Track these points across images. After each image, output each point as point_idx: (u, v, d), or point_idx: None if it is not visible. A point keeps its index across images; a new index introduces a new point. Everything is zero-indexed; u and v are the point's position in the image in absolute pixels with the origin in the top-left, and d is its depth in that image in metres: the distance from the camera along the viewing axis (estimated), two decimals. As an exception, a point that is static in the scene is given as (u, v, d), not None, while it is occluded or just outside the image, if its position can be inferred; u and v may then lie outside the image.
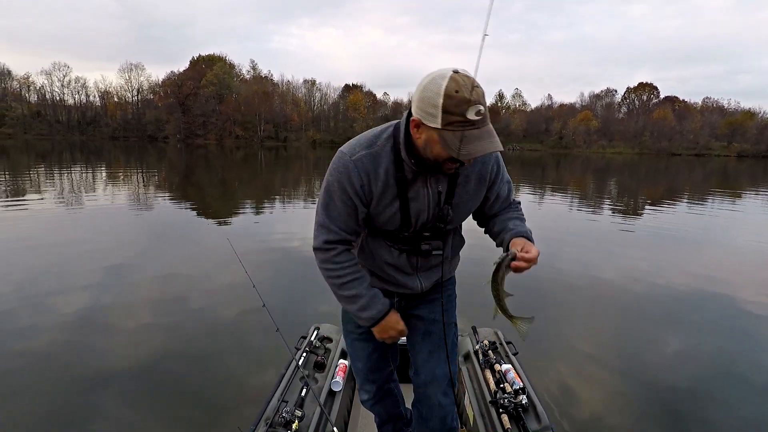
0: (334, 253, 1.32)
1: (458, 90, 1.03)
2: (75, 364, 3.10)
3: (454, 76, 1.05)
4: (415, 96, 1.11)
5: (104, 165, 23.03)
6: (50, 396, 2.73)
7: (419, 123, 1.12)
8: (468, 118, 1.04)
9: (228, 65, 76.00)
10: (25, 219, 8.01)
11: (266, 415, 1.78)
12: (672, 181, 23.03)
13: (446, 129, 1.06)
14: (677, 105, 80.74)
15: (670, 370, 3.26)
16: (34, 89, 71.94)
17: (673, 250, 7.13)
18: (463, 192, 1.34)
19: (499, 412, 1.83)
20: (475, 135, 1.06)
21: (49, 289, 4.49)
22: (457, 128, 1.05)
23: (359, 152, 1.25)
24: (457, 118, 1.04)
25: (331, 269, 1.34)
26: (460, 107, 1.03)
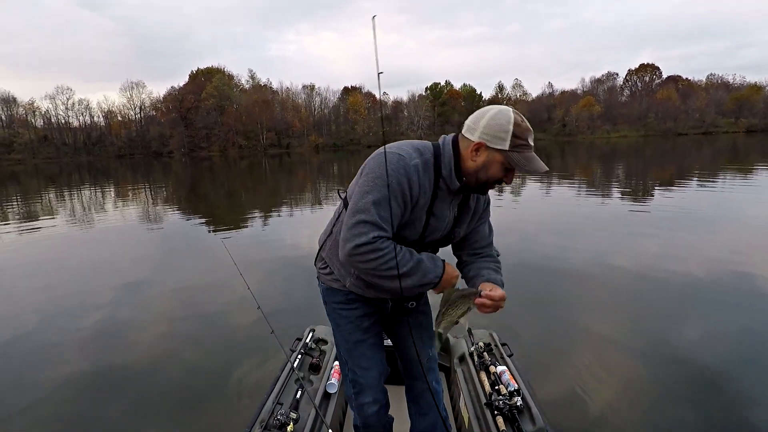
0: (380, 242, 1.32)
1: (522, 120, 1.30)
2: (82, 370, 3.15)
3: (514, 110, 1.31)
4: (481, 124, 1.31)
5: (112, 184, 23.31)
6: (65, 399, 2.78)
7: (481, 146, 1.32)
8: (529, 142, 1.31)
9: (227, 76, 76.55)
10: (39, 241, 8.13)
11: (261, 418, 1.78)
12: (680, 161, 22.73)
13: (513, 151, 1.29)
14: (681, 84, 79.67)
15: (687, 362, 3.15)
16: (40, 114, 73.20)
17: (687, 230, 7.02)
18: (464, 219, 1.54)
19: (494, 414, 1.83)
20: (533, 156, 1.32)
21: (65, 308, 4.55)
22: (522, 150, 1.30)
23: (416, 159, 1.36)
24: (521, 141, 1.30)
25: (381, 256, 1.32)
26: (524, 133, 1.30)
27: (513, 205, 10.32)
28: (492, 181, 1.36)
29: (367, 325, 1.65)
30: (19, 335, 3.94)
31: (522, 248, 6.13)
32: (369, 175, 1.34)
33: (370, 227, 1.31)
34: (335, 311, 1.67)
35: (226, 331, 3.72)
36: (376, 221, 1.31)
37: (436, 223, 1.45)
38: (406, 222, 1.40)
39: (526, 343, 3.40)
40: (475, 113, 1.36)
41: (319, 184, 18.64)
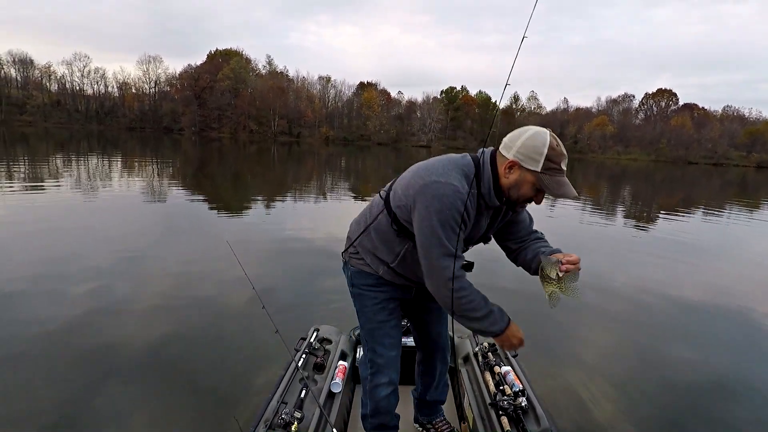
0: (465, 278, 1.46)
1: (558, 145, 1.34)
2: (80, 361, 3.15)
3: (551, 133, 1.35)
4: (517, 143, 1.36)
5: (120, 155, 23.38)
6: (61, 379, 2.79)
7: (515, 164, 1.37)
8: (562, 167, 1.36)
9: (245, 60, 76.56)
10: (43, 203, 8.16)
11: (266, 417, 1.78)
12: (688, 189, 22.64)
13: (544, 173, 1.34)
14: (696, 112, 79.27)
15: (678, 380, 3.20)
16: (55, 78, 73.33)
17: (688, 259, 6.99)
18: (496, 225, 1.61)
19: (499, 415, 1.83)
20: (564, 181, 1.36)
21: (61, 273, 4.58)
22: (554, 174, 1.35)
23: (466, 189, 1.40)
24: (554, 165, 1.34)
25: (468, 295, 1.45)
26: (558, 158, 1.34)
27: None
28: (522, 199, 1.42)
29: (392, 307, 1.77)
30: (11, 298, 3.95)
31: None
32: (433, 208, 1.38)
33: (451, 260, 1.41)
34: (363, 293, 1.76)
35: (230, 330, 3.67)
36: (451, 252, 1.41)
37: (473, 233, 1.54)
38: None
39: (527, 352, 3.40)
40: (515, 131, 1.40)
41: (325, 177, 18.65)
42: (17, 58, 70.48)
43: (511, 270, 1.64)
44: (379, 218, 1.60)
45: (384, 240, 1.62)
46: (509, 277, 4.90)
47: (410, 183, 1.46)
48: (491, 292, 1.55)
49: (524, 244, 1.64)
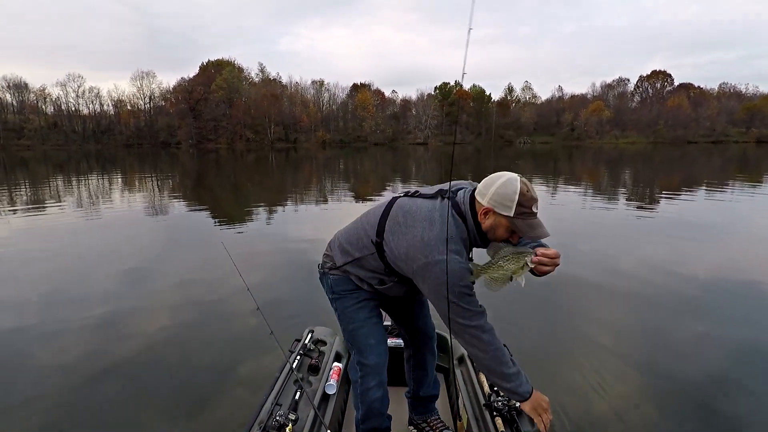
0: (494, 332, 1.54)
1: (528, 190, 1.42)
2: (85, 365, 3.16)
3: (521, 179, 1.44)
4: (490, 191, 1.44)
5: (119, 172, 23.44)
6: (69, 393, 2.80)
7: (489, 211, 1.46)
8: (533, 210, 1.43)
9: (237, 69, 76.71)
10: (45, 227, 8.19)
11: (260, 419, 1.77)
12: (689, 169, 22.56)
13: (517, 217, 1.42)
14: (692, 92, 79.03)
15: (686, 369, 3.14)
16: (50, 101, 73.70)
17: (694, 239, 6.95)
18: None
19: (493, 416, 1.83)
20: (537, 223, 1.44)
21: (68, 295, 4.59)
22: (526, 218, 1.42)
23: (465, 255, 1.52)
24: (526, 210, 1.42)
25: (500, 349, 1.53)
26: (529, 202, 1.42)
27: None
28: (498, 240, 1.51)
29: (373, 305, 1.83)
30: (23, 321, 3.97)
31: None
32: (445, 286, 1.45)
33: (481, 316, 1.52)
34: (344, 296, 1.80)
35: (225, 332, 3.69)
36: (479, 308, 1.52)
37: None
38: None
39: (526, 344, 3.39)
40: (488, 178, 1.49)
41: (324, 181, 18.66)
42: (11, 83, 70.94)
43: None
44: (367, 257, 1.69)
45: (372, 271, 1.71)
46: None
47: (410, 255, 1.52)
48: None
49: None
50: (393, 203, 1.66)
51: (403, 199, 1.65)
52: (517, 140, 77.68)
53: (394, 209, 1.62)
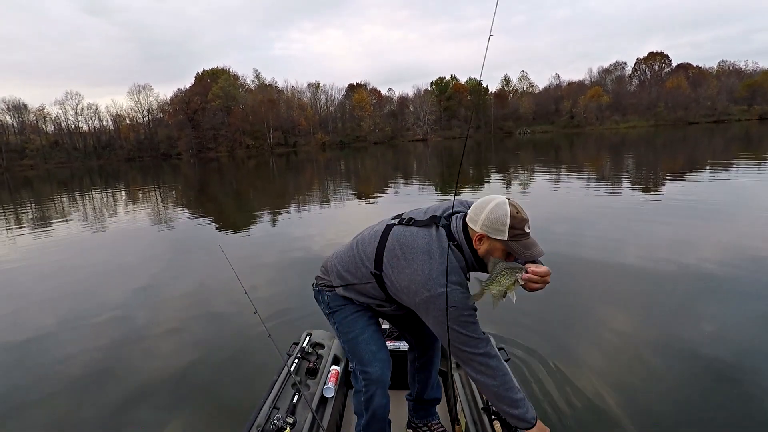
0: (497, 361, 1.55)
1: (518, 212, 1.44)
2: (88, 372, 3.20)
3: (510, 201, 1.45)
4: (481, 217, 1.45)
5: (123, 186, 23.57)
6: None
7: (483, 237, 1.47)
8: (525, 230, 1.44)
9: (232, 77, 76.85)
10: (53, 244, 8.25)
11: (258, 422, 1.77)
12: (691, 150, 22.39)
13: (511, 240, 1.43)
14: (691, 72, 78.31)
15: (699, 358, 3.08)
16: (50, 119, 74.12)
17: (701, 220, 6.90)
18: None
19: (491, 419, 1.81)
20: (531, 243, 1.46)
21: (78, 310, 4.62)
22: (520, 239, 1.44)
23: (465, 282, 1.55)
24: (519, 231, 1.43)
25: (505, 372, 1.55)
26: (521, 223, 1.43)
27: (521, 197, 10.24)
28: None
29: (371, 314, 1.84)
30: (34, 336, 4.01)
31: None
32: (449, 318, 1.47)
33: (484, 342, 1.53)
34: (342, 307, 1.79)
35: (223, 336, 3.69)
36: (483, 335, 1.54)
37: None
38: None
39: (533, 331, 3.38)
40: (477, 204, 1.51)
41: (326, 183, 18.67)
42: (11, 104, 71.36)
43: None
44: (366, 285, 1.70)
45: (372, 297, 1.74)
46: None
47: (412, 289, 1.53)
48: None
49: None
50: (388, 232, 1.66)
51: (397, 228, 1.65)
52: (516, 131, 77.41)
53: (390, 241, 1.62)
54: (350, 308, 1.80)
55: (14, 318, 4.58)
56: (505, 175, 16.24)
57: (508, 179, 14.56)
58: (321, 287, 1.87)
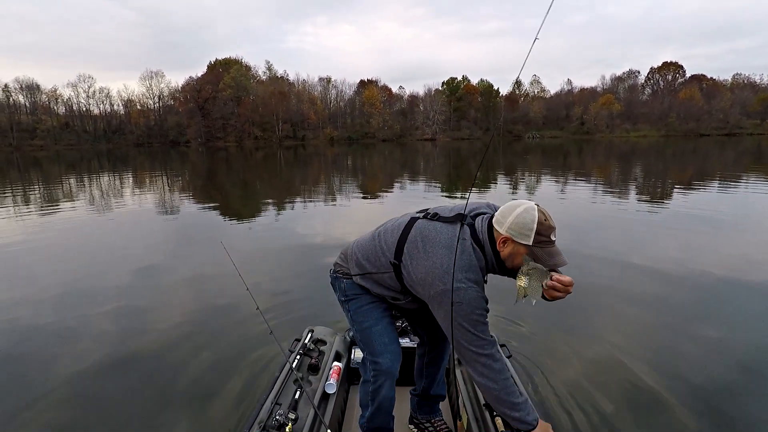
0: (503, 362, 1.58)
1: (546, 219, 1.44)
2: (84, 360, 3.23)
3: (538, 208, 1.45)
4: (508, 220, 1.46)
5: (130, 171, 23.71)
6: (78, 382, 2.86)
7: (508, 240, 1.47)
8: (551, 238, 1.44)
9: (244, 68, 77.02)
10: (59, 226, 8.31)
11: (260, 418, 1.77)
12: (702, 162, 22.20)
13: (536, 246, 1.43)
14: (705, 83, 77.61)
15: (698, 370, 3.09)
16: (62, 101, 74.71)
17: (708, 233, 6.84)
18: None
19: (493, 416, 1.82)
20: (556, 251, 1.46)
21: (78, 292, 4.66)
22: (545, 246, 1.44)
23: (481, 282, 1.55)
24: (544, 238, 1.43)
25: (509, 378, 1.54)
26: (547, 231, 1.43)
27: (527, 203, 10.17)
28: (516, 268, 1.48)
29: (386, 306, 1.85)
30: (39, 317, 4.05)
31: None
32: (462, 313, 1.48)
33: (490, 344, 1.53)
34: (357, 296, 1.81)
35: (224, 332, 3.67)
36: (489, 337, 1.54)
37: None
38: None
39: (534, 341, 3.38)
40: (505, 207, 1.52)
41: (332, 178, 18.69)
42: (24, 84, 71.94)
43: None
44: (384, 275, 1.71)
45: (388, 288, 1.74)
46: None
47: (428, 281, 1.53)
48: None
49: None
50: (412, 225, 1.66)
51: (421, 221, 1.66)
52: (525, 135, 77.06)
53: (413, 233, 1.63)
54: (366, 298, 1.81)
55: (15, 296, 4.62)
56: (511, 178, 16.18)
57: (515, 183, 14.51)
58: (338, 274, 1.88)
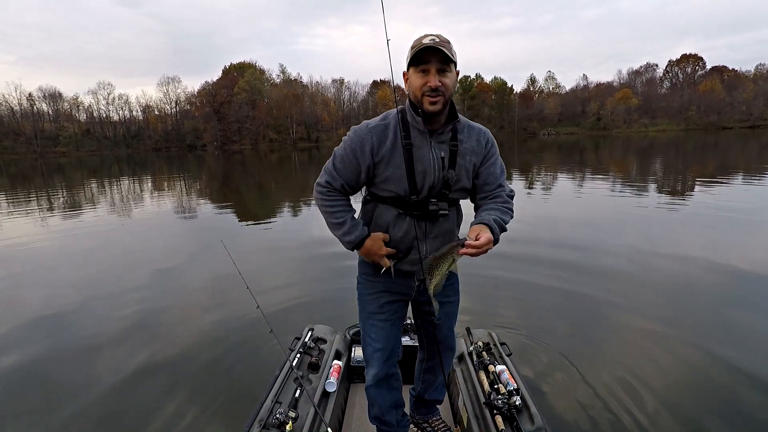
0: (331, 193, 1.62)
1: (423, 36, 1.45)
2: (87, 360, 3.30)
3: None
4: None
5: (149, 175, 24.18)
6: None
7: (405, 72, 1.51)
8: (423, 43, 1.43)
9: (258, 71, 77.87)
10: (81, 229, 8.54)
11: (260, 416, 1.78)
12: (723, 156, 21.60)
13: (411, 56, 1.45)
14: (726, 75, 75.41)
15: (724, 365, 3.03)
16: (83, 108, 76.71)
17: (731, 230, 6.66)
18: (462, 162, 1.60)
19: (493, 414, 1.83)
20: (426, 46, 1.42)
21: (101, 292, 4.79)
22: (416, 50, 1.43)
23: (374, 123, 1.58)
24: (416, 46, 1.44)
25: (325, 202, 1.63)
26: (419, 41, 1.45)
27: (542, 198, 10.10)
28: (421, 92, 1.48)
29: (384, 302, 1.77)
30: (61, 318, 4.17)
31: (551, 242, 6.01)
32: (344, 139, 1.60)
33: (326, 175, 1.62)
34: (362, 282, 1.81)
35: (225, 330, 3.69)
36: (330, 171, 1.61)
37: (421, 168, 1.55)
38: (386, 177, 1.56)
39: (559, 338, 3.35)
40: None
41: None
42: (47, 93, 74.06)
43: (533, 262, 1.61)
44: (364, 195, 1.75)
45: (364, 213, 1.72)
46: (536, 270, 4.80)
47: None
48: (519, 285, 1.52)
49: (483, 201, 1.67)
50: None
51: None
52: (541, 132, 76.09)
53: None
54: (369, 287, 1.77)
55: (34, 294, 4.78)
56: (527, 175, 16.01)
57: (530, 180, 14.35)
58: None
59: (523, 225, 6.94)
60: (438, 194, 1.58)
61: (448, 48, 1.44)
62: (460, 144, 1.59)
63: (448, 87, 1.47)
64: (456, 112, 1.58)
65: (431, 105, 1.48)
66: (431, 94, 1.46)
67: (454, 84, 1.52)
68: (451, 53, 1.45)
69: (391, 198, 1.59)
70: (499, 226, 1.52)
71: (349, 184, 1.61)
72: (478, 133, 1.64)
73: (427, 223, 1.61)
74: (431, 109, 1.48)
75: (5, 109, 69.52)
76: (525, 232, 6.70)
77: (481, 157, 1.64)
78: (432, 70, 1.45)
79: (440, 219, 1.62)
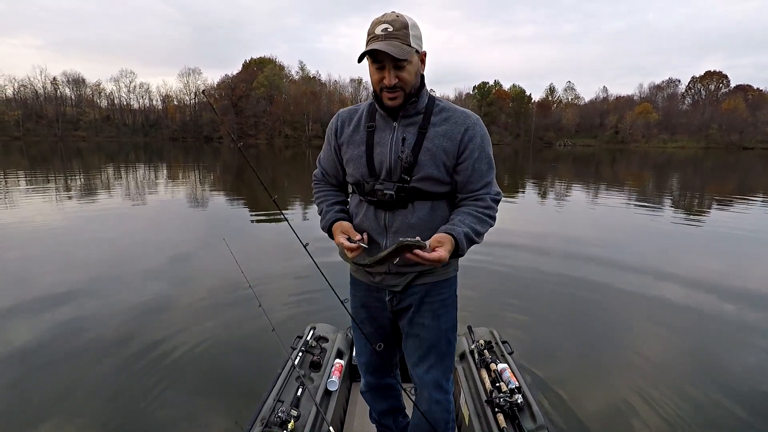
0: (317, 183, 1.71)
1: (377, 21, 1.31)
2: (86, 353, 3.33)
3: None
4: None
5: (165, 164, 24.51)
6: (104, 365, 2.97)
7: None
8: (375, 33, 1.30)
9: (278, 67, 78.48)
10: (96, 214, 8.69)
11: (262, 415, 1.78)
12: (743, 177, 21.17)
13: (366, 50, 1.30)
14: (751, 94, 73.98)
15: (731, 395, 2.98)
16: (105, 95, 78.06)
17: (748, 253, 6.53)
18: (429, 145, 1.41)
19: (495, 412, 1.82)
20: (378, 43, 1.28)
21: (112, 276, 4.88)
22: (368, 43, 1.30)
23: (347, 108, 1.58)
24: (369, 36, 1.32)
25: (313, 191, 1.71)
26: (372, 27, 1.31)
27: (555, 211, 10.00)
28: (379, 87, 1.38)
29: (362, 317, 1.67)
30: (73, 296, 4.26)
31: (559, 246, 5.94)
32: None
33: (317, 165, 1.70)
34: (350, 282, 1.74)
35: (226, 329, 3.69)
36: (317, 162, 1.70)
37: (379, 150, 1.45)
38: (347, 158, 1.52)
39: (566, 355, 3.31)
40: None
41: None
42: (71, 78, 75.52)
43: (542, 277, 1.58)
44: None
45: (350, 203, 1.67)
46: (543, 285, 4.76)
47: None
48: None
49: (463, 203, 1.47)
50: None
51: None
52: (557, 142, 75.42)
53: None
54: (351, 299, 1.69)
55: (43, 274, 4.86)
56: (540, 185, 15.88)
57: (544, 191, 14.23)
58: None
59: (531, 227, 6.89)
60: (399, 181, 1.42)
61: (401, 41, 1.29)
62: (431, 127, 1.41)
63: (407, 81, 1.35)
64: (431, 96, 1.46)
65: (390, 101, 1.39)
66: (389, 90, 1.36)
67: (417, 71, 1.39)
68: (407, 44, 1.30)
69: (354, 183, 1.53)
70: (468, 240, 1.35)
71: (328, 172, 1.64)
72: (457, 116, 1.42)
73: (387, 213, 1.45)
74: (391, 105, 1.40)
75: (30, 91, 71.09)
76: (534, 234, 6.65)
77: (456, 143, 1.40)
78: (387, 67, 1.32)
79: (401, 210, 1.43)
